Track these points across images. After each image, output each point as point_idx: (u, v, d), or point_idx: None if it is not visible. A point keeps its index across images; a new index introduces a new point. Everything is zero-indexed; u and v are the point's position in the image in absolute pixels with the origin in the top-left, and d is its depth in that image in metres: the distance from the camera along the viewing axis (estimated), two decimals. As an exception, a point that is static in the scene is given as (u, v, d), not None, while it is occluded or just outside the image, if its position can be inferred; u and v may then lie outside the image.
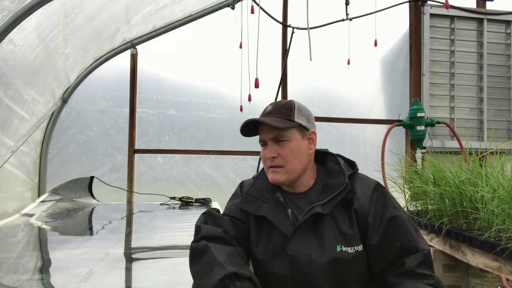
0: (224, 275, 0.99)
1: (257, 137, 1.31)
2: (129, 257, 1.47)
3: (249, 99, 3.26)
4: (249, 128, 1.27)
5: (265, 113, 1.27)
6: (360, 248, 1.20)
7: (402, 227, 1.19)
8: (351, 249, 1.18)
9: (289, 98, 3.73)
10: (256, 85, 3.17)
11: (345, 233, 1.19)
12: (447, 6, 2.84)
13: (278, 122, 1.22)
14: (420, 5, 3.93)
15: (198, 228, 1.23)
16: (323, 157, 1.36)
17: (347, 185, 1.23)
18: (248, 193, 1.32)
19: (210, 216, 1.29)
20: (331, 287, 1.18)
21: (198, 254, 1.13)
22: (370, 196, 1.23)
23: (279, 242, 1.22)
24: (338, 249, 1.18)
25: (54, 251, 1.60)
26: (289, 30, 3.62)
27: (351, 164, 1.33)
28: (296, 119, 1.25)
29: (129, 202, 3.26)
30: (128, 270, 1.31)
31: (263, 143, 1.28)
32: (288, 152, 1.24)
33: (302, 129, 1.27)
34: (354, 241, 1.19)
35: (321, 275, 1.17)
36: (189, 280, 1.15)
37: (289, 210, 1.28)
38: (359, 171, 1.32)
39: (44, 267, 1.35)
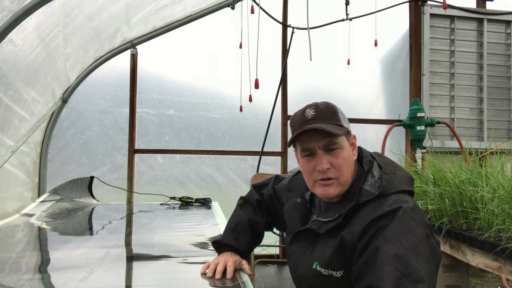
0: (218, 240, 1.33)
1: (256, 137, 1.31)
2: (129, 257, 1.47)
3: (250, 99, 3.26)
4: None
5: (307, 119, 1.10)
6: (337, 274, 1.08)
7: (378, 261, 0.97)
8: (325, 271, 1.10)
9: (289, 98, 3.73)
10: (256, 85, 3.17)
11: (324, 254, 1.11)
12: (445, 6, 2.84)
13: (332, 128, 1.07)
14: (420, 5, 3.92)
15: (251, 188, 1.49)
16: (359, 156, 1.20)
17: (339, 216, 1.08)
18: (291, 181, 1.33)
19: (270, 181, 1.45)
20: None
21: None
22: (370, 221, 1.03)
23: (288, 239, 1.27)
24: (314, 266, 1.12)
25: (54, 251, 1.59)
26: (289, 30, 3.62)
27: (384, 186, 1.08)
28: (344, 124, 1.11)
29: (129, 202, 3.25)
30: (128, 270, 1.31)
31: (308, 152, 1.11)
32: (342, 162, 1.09)
33: (348, 134, 1.14)
34: (331, 265, 1.09)
35: (305, 283, 1.18)
36: (189, 279, 1.16)
37: (314, 216, 1.22)
38: (391, 196, 1.07)
39: (44, 267, 1.35)
